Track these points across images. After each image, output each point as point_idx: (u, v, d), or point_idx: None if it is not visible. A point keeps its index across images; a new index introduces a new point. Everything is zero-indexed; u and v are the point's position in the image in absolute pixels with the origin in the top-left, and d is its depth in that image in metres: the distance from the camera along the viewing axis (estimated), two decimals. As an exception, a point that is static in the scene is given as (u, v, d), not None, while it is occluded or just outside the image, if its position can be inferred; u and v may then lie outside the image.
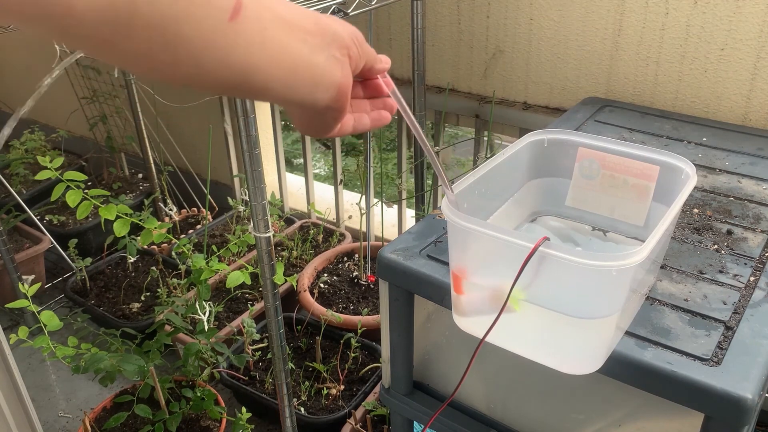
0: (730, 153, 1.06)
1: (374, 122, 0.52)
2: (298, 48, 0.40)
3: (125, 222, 1.24)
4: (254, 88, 0.40)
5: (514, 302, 0.63)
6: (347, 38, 0.44)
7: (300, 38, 0.41)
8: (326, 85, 0.43)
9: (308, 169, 2.09)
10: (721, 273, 0.77)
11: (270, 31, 0.38)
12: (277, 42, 0.39)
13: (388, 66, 0.51)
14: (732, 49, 1.19)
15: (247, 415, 1.32)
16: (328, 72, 0.43)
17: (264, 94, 0.41)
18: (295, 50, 0.40)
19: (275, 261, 1.10)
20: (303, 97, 0.43)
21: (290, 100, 0.43)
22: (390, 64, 0.51)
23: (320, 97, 0.43)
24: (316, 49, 0.42)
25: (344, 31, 0.44)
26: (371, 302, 1.69)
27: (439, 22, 1.53)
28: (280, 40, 0.39)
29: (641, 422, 0.72)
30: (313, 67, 0.42)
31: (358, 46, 0.45)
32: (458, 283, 0.67)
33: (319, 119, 0.47)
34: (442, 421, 0.90)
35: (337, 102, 0.45)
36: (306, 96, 0.43)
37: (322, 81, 0.43)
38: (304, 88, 0.42)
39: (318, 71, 0.42)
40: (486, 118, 1.52)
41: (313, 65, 0.42)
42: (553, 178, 0.83)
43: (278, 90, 0.41)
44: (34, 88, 1.59)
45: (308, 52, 0.41)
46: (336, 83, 0.44)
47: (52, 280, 2.09)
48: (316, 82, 0.42)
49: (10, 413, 1.10)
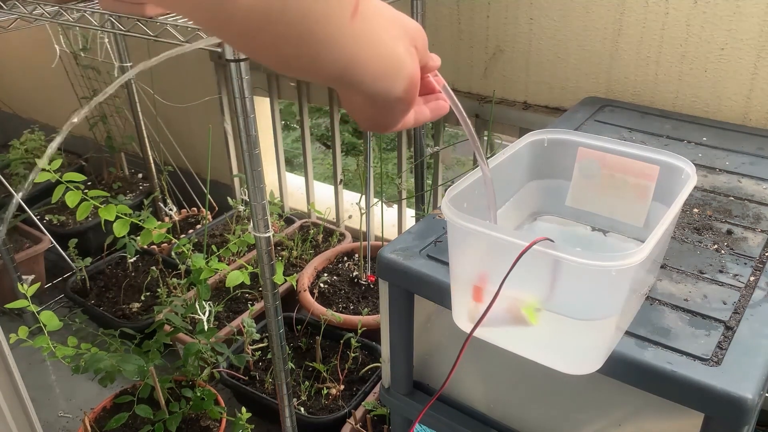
0: (730, 153, 1.06)
1: (433, 113, 0.53)
2: (386, 40, 0.41)
3: (125, 222, 1.24)
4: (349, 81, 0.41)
5: (530, 315, 0.62)
6: (416, 31, 0.45)
7: (386, 30, 0.42)
8: (402, 76, 0.44)
9: (308, 169, 2.09)
10: (721, 273, 0.77)
11: (373, 27, 0.40)
12: (376, 37, 0.40)
13: (439, 63, 0.51)
14: (732, 49, 1.19)
15: (247, 415, 1.32)
16: (404, 63, 0.44)
17: (354, 86, 0.42)
18: (385, 43, 0.41)
19: (275, 261, 1.10)
20: (384, 88, 0.43)
21: (372, 91, 0.43)
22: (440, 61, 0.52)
23: (397, 87, 0.44)
24: (397, 40, 0.43)
25: (413, 23, 0.45)
26: (371, 302, 1.69)
27: (439, 21, 1.53)
28: (378, 35, 0.40)
29: (641, 422, 0.72)
30: (395, 59, 0.43)
31: (422, 40, 0.46)
32: (479, 292, 0.66)
33: (387, 112, 0.47)
34: (442, 420, 0.90)
35: (408, 93, 0.45)
36: (387, 87, 0.43)
37: (400, 72, 0.43)
38: (388, 79, 0.43)
39: (399, 63, 0.43)
40: (486, 118, 1.52)
41: (396, 56, 0.43)
42: (553, 180, 0.83)
43: (368, 82, 0.41)
44: (34, 88, 1.59)
45: (393, 44, 0.42)
46: (410, 74, 0.44)
47: (52, 280, 2.09)
48: (396, 73, 0.43)
49: (10, 413, 1.10)
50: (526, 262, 0.58)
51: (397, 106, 0.46)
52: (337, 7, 0.36)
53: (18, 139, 2.36)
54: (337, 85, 0.43)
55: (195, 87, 2.13)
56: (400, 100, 0.45)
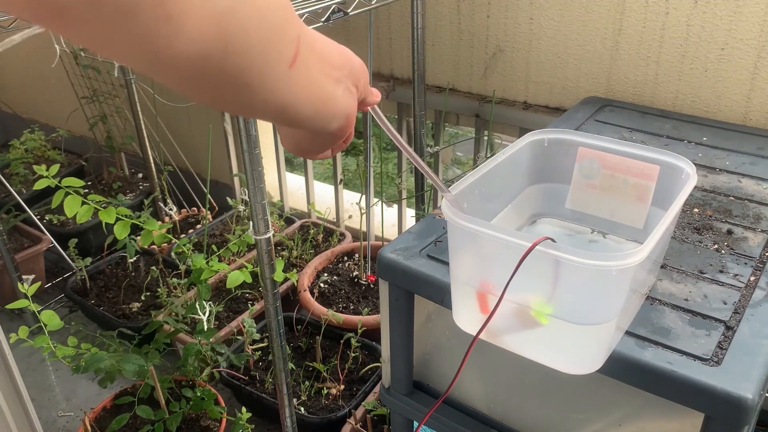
0: (731, 152, 1.06)
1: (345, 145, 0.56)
2: (326, 83, 0.43)
3: (125, 224, 1.24)
4: (286, 120, 0.42)
5: (540, 316, 0.63)
6: (360, 70, 0.47)
7: (328, 73, 0.43)
8: (339, 116, 0.46)
9: (308, 169, 2.09)
10: (721, 273, 0.77)
11: (312, 71, 0.41)
12: (314, 80, 0.41)
13: (379, 99, 0.53)
14: (732, 49, 1.19)
15: (247, 414, 1.32)
16: (343, 103, 0.45)
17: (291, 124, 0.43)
18: (325, 86, 0.43)
19: (275, 261, 1.10)
20: (321, 125, 0.45)
21: (309, 127, 0.45)
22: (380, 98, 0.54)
23: (332, 125, 0.46)
24: (338, 82, 0.44)
25: (357, 62, 0.47)
26: (371, 302, 1.69)
27: (439, 21, 1.53)
28: (317, 79, 0.41)
29: (641, 422, 0.72)
30: (334, 100, 0.44)
31: (364, 79, 0.48)
32: (484, 301, 0.66)
33: (317, 143, 0.50)
34: (442, 420, 0.90)
35: (343, 130, 0.48)
36: (323, 125, 0.45)
37: (338, 111, 0.45)
38: (326, 118, 0.44)
39: (338, 103, 0.45)
40: (486, 118, 1.52)
41: (335, 98, 0.44)
42: (553, 184, 0.83)
43: (305, 120, 0.43)
44: (34, 88, 1.60)
45: (333, 87, 0.44)
46: (346, 113, 0.46)
47: (52, 279, 2.09)
48: (335, 113, 0.45)
49: (10, 413, 1.10)
50: (528, 263, 0.58)
51: (329, 139, 0.49)
52: (276, 59, 0.36)
53: (18, 139, 2.36)
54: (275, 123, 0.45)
55: (195, 87, 2.13)
56: (333, 134, 0.48)
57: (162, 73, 0.33)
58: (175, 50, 0.31)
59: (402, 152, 1.79)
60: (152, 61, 0.32)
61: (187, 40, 0.31)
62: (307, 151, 0.52)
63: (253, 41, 0.34)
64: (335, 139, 0.49)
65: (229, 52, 0.33)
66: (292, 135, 0.50)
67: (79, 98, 2.24)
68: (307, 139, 0.50)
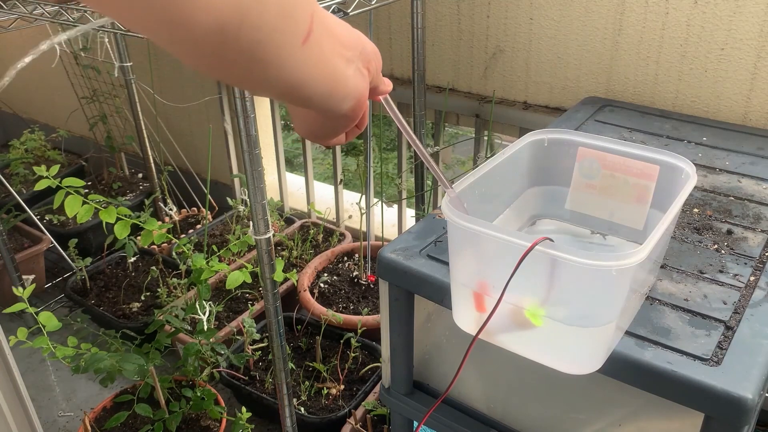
0: (730, 153, 1.06)
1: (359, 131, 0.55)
2: (338, 62, 0.43)
3: (126, 224, 1.24)
4: (298, 99, 0.42)
5: (534, 318, 0.62)
6: (371, 53, 0.47)
7: (339, 52, 0.43)
8: (350, 96, 0.45)
9: (308, 169, 2.09)
10: (721, 273, 0.77)
11: (324, 49, 0.41)
12: (326, 58, 0.41)
13: (390, 88, 0.53)
14: (732, 49, 1.19)
15: (247, 414, 1.32)
16: (354, 84, 0.45)
17: (303, 102, 0.43)
18: (337, 65, 0.43)
19: (275, 261, 1.10)
20: (332, 105, 0.45)
21: (321, 107, 0.45)
22: (392, 87, 0.53)
23: (344, 106, 0.46)
24: (349, 61, 0.44)
25: (370, 46, 0.47)
26: (371, 302, 1.69)
27: (439, 21, 1.53)
28: (329, 58, 0.42)
29: (641, 422, 0.72)
30: (345, 79, 0.44)
31: (376, 63, 0.48)
32: (481, 300, 0.66)
33: (329, 126, 0.50)
34: (442, 421, 0.90)
35: (354, 111, 0.47)
36: (334, 105, 0.45)
37: (349, 91, 0.45)
38: (337, 98, 0.44)
39: (349, 83, 0.45)
40: (486, 118, 1.52)
41: (346, 77, 0.44)
42: (553, 186, 0.83)
43: (316, 100, 0.43)
44: (34, 88, 1.60)
45: (344, 66, 0.44)
46: (357, 94, 0.46)
47: (53, 279, 2.09)
48: (346, 93, 0.45)
49: (10, 413, 1.10)
50: (526, 264, 0.58)
51: (341, 122, 0.49)
52: (290, 34, 0.37)
53: (18, 139, 2.36)
54: (286, 102, 0.45)
55: (195, 87, 2.13)
56: (346, 116, 0.48)
57: (179, 44, 0.34)
58: (193, 20, 0.32)
59: (402, 152, 1.79)
60: (171, 31, 0.32)
61: (206, 10, 0.32)
62: (320, 136, 0.52)
63: (269, 15, 0.34)
64: (348, 122, 0.49)
65: (245, 25, 0.33)
66: (305, 119, 0.50)
67: (79, 98, 2.24)
68: (320, 122, 0.49)
